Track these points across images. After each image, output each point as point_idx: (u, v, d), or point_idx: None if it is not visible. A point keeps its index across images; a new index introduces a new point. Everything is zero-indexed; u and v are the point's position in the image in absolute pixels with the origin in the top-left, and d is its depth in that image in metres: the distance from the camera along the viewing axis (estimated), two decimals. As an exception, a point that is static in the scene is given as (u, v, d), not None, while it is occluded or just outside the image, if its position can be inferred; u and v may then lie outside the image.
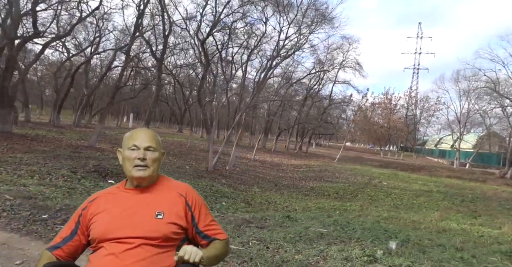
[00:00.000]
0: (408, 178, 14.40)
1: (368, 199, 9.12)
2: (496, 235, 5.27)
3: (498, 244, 4.48)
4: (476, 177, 20.75)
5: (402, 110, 36.81)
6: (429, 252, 3.62)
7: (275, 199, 7.86)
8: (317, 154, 24.71)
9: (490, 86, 23.05)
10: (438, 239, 4.33)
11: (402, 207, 8.33)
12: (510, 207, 9.32)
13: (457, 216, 6.91)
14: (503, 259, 3.82)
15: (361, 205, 7.88)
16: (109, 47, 22.29)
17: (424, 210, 7.98)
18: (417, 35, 54.59)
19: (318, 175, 12.77)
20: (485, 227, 5.95)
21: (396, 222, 5.37)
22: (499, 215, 8.03)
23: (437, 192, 11.03)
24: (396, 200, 9.22)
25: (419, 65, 53.86)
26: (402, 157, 35.46)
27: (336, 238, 3.74)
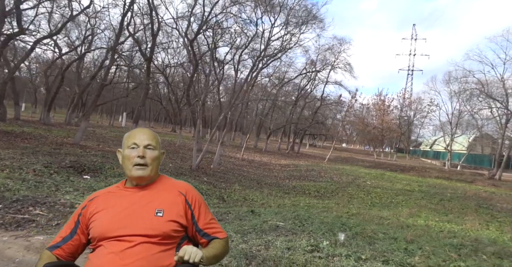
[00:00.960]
0: (394, 178, 14.55)
1: (347, 198, 9.25)
2: (456, 230, 5.42)
3: (452, 238, 4.62)
4: (465, 178, 20.92)
5: (396, 111, 37.02)
6: (377, 244, 3.75)
7: (253, 197, 7.98)
8: (308, 155, 24.86)
9: (479, 88, 23.27)
10: (394, 233, 4.47)
11: (379, 205, 8.47)
12: (487, 206, 9.48)
13: (428, 214, 7.05)
14: (451, 251, 3.96)
15: (338, 203, 8.01)
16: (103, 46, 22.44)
17: (400, 208, 8.11)
18: (411, 37, 54.94)
19: (304, 174, 12.90)
20: (451, 223, 6.10)
21: (361, 218, 5.50)
22: (473, 213, 8.19)
23: (419, 191, 11.18)
24: (375, 199, 9.35)
25: (414, 67, 54.13)
26: (395, 158, 35.66)
27: (289, 230, 3.87)
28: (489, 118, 24.93)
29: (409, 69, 53.80)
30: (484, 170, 28.39)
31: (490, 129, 30.89)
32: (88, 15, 17.61)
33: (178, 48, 20.55)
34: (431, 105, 34.25)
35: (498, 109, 23.01)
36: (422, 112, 37.40)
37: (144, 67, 16.21)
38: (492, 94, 22.79)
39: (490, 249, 4.24)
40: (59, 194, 4.21)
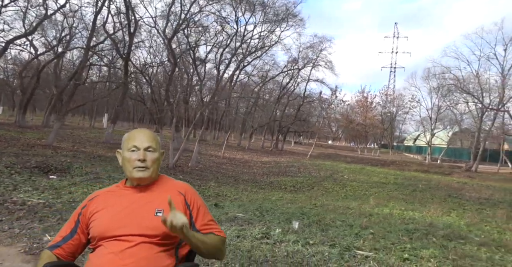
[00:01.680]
0: (372, 172, 14.85)
1: (322, 191, 9.42)
2: (417, 217, 5.62)
3: (409, 224, 4.80)
4: (443, 170, 21.52)
5: (379, 107, 37.72)
6: (330, 230, 3.87)
7: (227, 193, 8.02)
8: (292, 152, 25.08)
9: (456, 83, 23.95)
10: (353, 221, 4.60)
11: (352, 197, 8.65)
12: (456, 196, 9.83)
13: (396, 203, 7.26)
14: (404, 235, 4.12)
15: (310, 196, 8.15)
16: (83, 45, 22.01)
17: (370, 199, 8.32)
18: (393, 35, 55.99)
19: (283, 170, 13.03)
20: (415, 211, 6.30)
21: (326, 208, 5.64)
22: (441, 202, 8.48)
23: (393, 183, 11.46)
24: (349, 192, 9.55)
25: (396, 64, 55.22)
26: (379, 153, 36.32)
27: (246, 221, 3.95)
28: (465, 113, 25.68)
29: (391, 66, 54.90)
30: (463, 163, 29.23)
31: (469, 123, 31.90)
32: (65, 14, 17.29)
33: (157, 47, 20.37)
34: (412, 101, 35.10)
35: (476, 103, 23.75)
36: (404, 108, 38.28)
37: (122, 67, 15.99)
38: (468, 90, 23.51)
39: (442, 232, 4.43)
40: (16, 193, 4.17)
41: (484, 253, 3.66)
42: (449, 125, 36.40)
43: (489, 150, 31.68)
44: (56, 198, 3.99)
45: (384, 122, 37.16)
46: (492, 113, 22.29)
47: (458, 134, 34.01)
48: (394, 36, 55.71)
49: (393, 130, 44.37)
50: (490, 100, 22.88)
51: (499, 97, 21.49)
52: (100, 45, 18.56)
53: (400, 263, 2.95)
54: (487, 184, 13.49)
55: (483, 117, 22.90)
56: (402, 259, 3.07)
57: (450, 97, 25.96)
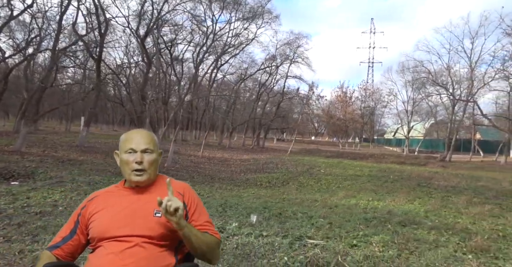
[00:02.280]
0: (349, 165, 15.17)
1: (297, 186, 9.59)
2: (380, 206, 5.83)
3: (369, 213, 4.99)
4: (418, 161, 22.24)
5: (358, 102, 38.51)
6: (288, 222, 3.99)
7: (201, 191, 8.03)
8: (274, 149, 25.27)
9: (428, 76, 24.75)
10: (314, 212, 4.74)
11: (325, 190, 8.86)
12: (425, 185, 10.19)
13: (364, 194, 7.49)
14: (361, 223, 4.28)
15: (284, 191, 8.29)
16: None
17: (342, 191, 8.54)
18: (370, 31, 57.11)
19: (261, 167, 13.14)
20: (380, 201, 6.53)
21: (292, 202, 5.77)
22: (409, 191, 8.79)
23: (367, 176, 11.77)
24: (323, 185, 9.76)
25: (374, 59, 56.42)
26: (359, 147, 37.13)
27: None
28: (439, 105, 26.56)
29: (369, 61, 56.03)
30: (439, 153, 30.33)
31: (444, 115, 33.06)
32: (33, 14, 16.70)
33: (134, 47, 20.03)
34: (389, 95, 36.02)
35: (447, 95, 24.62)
36: (382, 102, 39.23)
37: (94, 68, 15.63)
38: (441, 82, 24.35)
39: (398, 219, 4.63)
40: (-31, 199, 4.07)
41: (432, 236, 3.87)
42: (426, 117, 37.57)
43: (462, 140, 32.97)
44: (9, 204, 3.92)
45: (363, 116, 37.99)
46: (462, 104, 23.16)
47: (434, 126, 35.17)
48: (371, 31, 56.95)
49: (373, 124, 45.42)
50: (461, 91, 23.81)
51: (468, 88, 22.37)
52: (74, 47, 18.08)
53: (347, 249, 3.08)
54: (456, 173, 14.06)
55: (455, 109, 23.82)
56: (350, 246, 3.21)
57: (424, 90, 26.81)
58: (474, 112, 21.52)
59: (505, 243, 3.81)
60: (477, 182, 11.12)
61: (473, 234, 4.18)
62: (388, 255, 2.99)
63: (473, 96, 21.82)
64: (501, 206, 7.90)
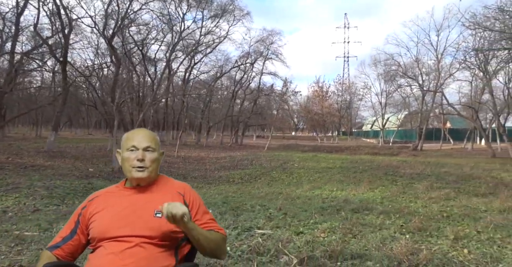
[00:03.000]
0: (323, 158, 15.52)
1: (268, 180, 9.74)
2: (339, 196, 6.05)
3: (327, 203, 5.18)
4: (392, 151, 23.01)
5: (334, 96, 39.25)
6: (243, 215, 4.10)
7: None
8: (252, 146, 25.43)
9: (398, 69, 25.58)
10: (273, 205, 4.88)
11: (295, 183, 9.04)
12: (392, 173, 10.57)
13: (331, 185, 7.73)
14: (316, 213, 4.45)
15: (254, 186, 8.41)
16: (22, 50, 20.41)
17: (311, 183, 8.76)
18: (344, 26, 58.16)
19: (235, 164, 13.22)
20: (343, 191, 6.77)
21: (255, 195, 5.89)
22: (376, 180, 9.12)
23: (339, 167, 12.09)
24: (294, 179, 9.95)
25: (349, 54, 57.55)
26: (337, 140, 37.93)
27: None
28: (409, 96, 27.49)
29: (344, 56, 57.09)
30: (412, 143, 31.49)
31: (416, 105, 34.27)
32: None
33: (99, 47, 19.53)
34: (364, 88, 36.95)
35: (417, 87, 25.54)
36: (358, 95, 40.19)
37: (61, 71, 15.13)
38: (411, 74, 25.22)
39: (352, 206, 4.84)
40: None
41: (379, 220, 4.08)
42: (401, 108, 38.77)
43: (434, 129, 34.36)
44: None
45: (340, 110, 38.78)
46: (431, 95, 24.11)
47: (407, 117, 36.42)
48: (345, 26, 58.02)
49: (350, 117, 46.44)
50: (429, 82, 24.76)
51: (436, 79, 23.31)
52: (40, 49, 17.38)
53: (292, 237, 3.22)
54: (424, 161, 14.69)
55: (425, 99, 24.77)
56: (296, 233, 3.35)
57: (395, 82, 27.67)
58: (443, 102, 22.45)
59: (445, 223, 4.09)
60: (441, 168, 11.67)
61: (419, 216, 4.45)
62: (329, 240, 3.15)
63: (441, 86, 22.76)
64: (459, 190, 8.36)
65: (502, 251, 3.03)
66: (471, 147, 23.61)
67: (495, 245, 3.18)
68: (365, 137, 50.47)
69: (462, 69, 20.04)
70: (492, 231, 3.70)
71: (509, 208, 5.46)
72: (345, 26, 58.82)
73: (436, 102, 24.51)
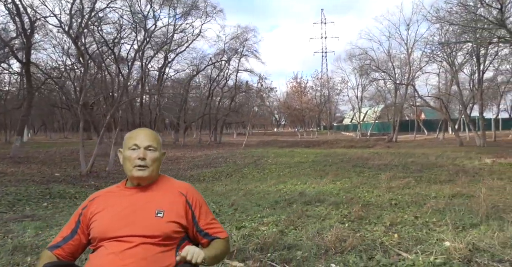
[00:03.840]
0: (298, 153, 15.71)
1: (239, 177, 9.80)
2: (298, 189, 6.16)
3: (282, 196, 5.28)
4: (367, 144, 23.55)
5: (312, 91, 39.69)
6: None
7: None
8: (231, 143, 25.42)
9: (372, 63, 26.12)
10: (227, 200, 4.93)
11: (264, 179, 9.13)
12: (361, 165, 10.83)
13: (295, 180, 7.85)
14: (269, 207, 4.53)
15: (222, 183, 8.44)
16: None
17: (279, 179, 8.87)
18: (321, 21, 58.75)
19: (209, 162, 13.20)
20: (305, 184, 6.89)
21: (216, 192, 5.93)
22: (344, 173, 9.33)
23: (311, 161, 12.28)
24: (265, 174, 10.04)
25: (326, 49, 58.25)
26: (317, 135, 38.46)
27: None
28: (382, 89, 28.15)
29: (322, 51, 57.75)
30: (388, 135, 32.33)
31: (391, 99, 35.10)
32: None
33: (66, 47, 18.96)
34: (341, 83, 37.53)
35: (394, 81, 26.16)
36: (336, 90, 40.79)
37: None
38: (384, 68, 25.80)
39: (306, 199, 4.95)
40: None
41: (327, 211, 4.20)
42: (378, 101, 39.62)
43: (410, 120, 35.40)
44: None
45: (319, 105, 39.27)
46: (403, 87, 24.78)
47: (384, 110, 37.31)
48: (322, 22, 58.61)
49: (330, 112, 47.12)
50: (402, 76, 25.43)
51: (407, 72, 23.97)
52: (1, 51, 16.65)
53: (232, 231, 3.27)
54: (395, 152, 15.13)
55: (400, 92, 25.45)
56: (237, 228, 3.40)
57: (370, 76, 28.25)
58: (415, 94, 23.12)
59: (389, 211, 4.24)
60: (409, 158, 12.05)
61: (369, 205, 4.61)
62: (269, 232, 3.22)
63: (412, 80, 23.43)
64: (421, 178, 8.67)
65: (430, 233, 3.19)
66: (442, 137, 24.48)
67: (426, 229, 3.34)
68: (345, 131, 51.33)
69: (430, 62, 20.70)
70: (429, 216, 3.89)
71: (457, 194, 5.74)
72: (322, 22, 59.48)
73: (410, 94, 25.26)
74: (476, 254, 2.53)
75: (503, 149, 15.31)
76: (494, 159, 11.18)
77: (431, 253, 2.57)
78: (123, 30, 19.29)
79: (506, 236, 2.81)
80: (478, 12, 12.77)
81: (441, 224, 3.52)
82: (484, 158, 11.36)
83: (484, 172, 9.43)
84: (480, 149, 15.76)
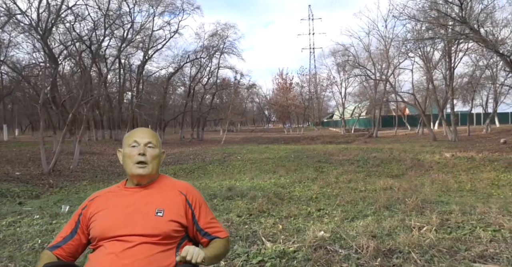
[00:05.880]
0: (273, 149, 15.81)
1: (200, 174, 9.93)
2: (237, 184, 6.31)
3: (212, 192, 5.41)
4: (347, 139, 23.81)
5: (298, 88, 39.84)
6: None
7: (92, 189, 8.04)
8: (211, 140, 25.52)
9: (353, 59, 26.30)
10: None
11: (227, 176, 9.23)
12: (325, 161, 11.03)
13: (246, 176, 8.00)
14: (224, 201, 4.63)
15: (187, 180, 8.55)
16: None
17: (232, 175, 9.00)
18: (309, 18, 58.74)
19: (177, 159, 13.27)
20: (252, 180, 7.05)
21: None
22: (301, 168, 9.50)
23: (278, 157, 12.38)
24: (227, 171, 10.16)
25: (314, 45, 58.32)
26: (303, 131, 38.67)
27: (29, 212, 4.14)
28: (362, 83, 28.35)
29: (310, 47, 57.81)
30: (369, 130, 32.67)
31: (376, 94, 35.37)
32: None
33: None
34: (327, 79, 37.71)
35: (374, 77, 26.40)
36: (322, 86, 41.01)
37: None
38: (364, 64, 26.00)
39: (231, 193, 5.09)
40: None
41: (244, 204, 4.34)
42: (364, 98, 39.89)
43: (394, 116, 35.75)
44: None
45: (305, 101, 39.46)
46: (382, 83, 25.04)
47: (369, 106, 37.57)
48: (309, 18, 58.59)
49: (317, 108, 47.39)
50: (381, 71, 25.66)
51: (386, 68, 24.21)
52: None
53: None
54: (364, 147, 15.36)
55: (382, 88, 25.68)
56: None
57: (351, 72, 28.45)
58: (390, 90, 23.38)
59: (302, 203, 4.41)
60: (373, 153, 12.25)
61: (292, 200, 4.77)
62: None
63: (390, 75, 23.67)
64: (374, 173, 8.92)
65: (315, 224, 3.33)
66: (421, 132, 24.84)
67: (312, 220, 3.50)
68: (334, 127, 51.69)
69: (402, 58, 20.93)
70: (330, 207, 4.06)
71: (388, 187, 5.94)
72: (310, 18, 59.46)
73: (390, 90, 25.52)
74: (331, 242, 2.69)
75: (472, 144, 15.63)
76: (454, 153, 11.44)
77: (292, 243, 2.72)
78: (98, 28, 19.20)
79: (369, 225, 2.98)
80: (443, 9, 12.96)
81: (335, 215, 3.68)
82: (445, 153, 11.61)
83: (439, 166, 9.71)
84: (449, 144, 16.06)
